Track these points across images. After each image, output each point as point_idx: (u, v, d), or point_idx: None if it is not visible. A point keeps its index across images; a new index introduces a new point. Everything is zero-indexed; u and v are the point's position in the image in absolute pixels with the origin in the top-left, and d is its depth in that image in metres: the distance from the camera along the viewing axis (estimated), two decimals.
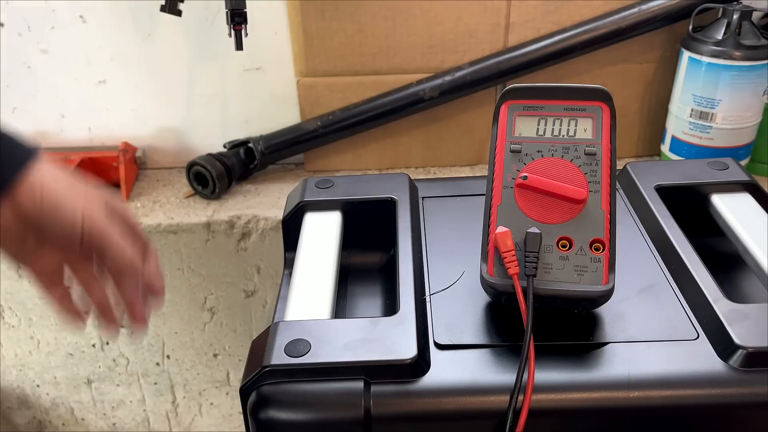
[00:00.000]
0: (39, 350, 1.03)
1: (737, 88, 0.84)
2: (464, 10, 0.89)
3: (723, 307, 0.46)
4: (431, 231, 0.58)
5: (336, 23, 0.89)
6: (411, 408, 0.42)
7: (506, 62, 0.90)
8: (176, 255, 0.94)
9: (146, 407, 1.11)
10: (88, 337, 1.02)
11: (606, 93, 0.48)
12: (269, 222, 0.91)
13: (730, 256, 0.56)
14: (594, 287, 0.45)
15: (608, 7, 0.89)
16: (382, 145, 0.99)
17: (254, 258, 0.94)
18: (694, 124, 0.88)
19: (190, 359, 1.05)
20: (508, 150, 0.48)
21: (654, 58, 0.93)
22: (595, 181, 0.46)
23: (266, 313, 0.99)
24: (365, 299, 0.56)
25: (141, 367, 1.06)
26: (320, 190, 0.61)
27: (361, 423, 0.41)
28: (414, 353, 0.43)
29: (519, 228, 0.46)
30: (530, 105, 0.49)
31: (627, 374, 0.43)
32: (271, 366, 0.42)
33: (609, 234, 0.46)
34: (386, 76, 0.93)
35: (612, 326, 0.46)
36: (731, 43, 0.82)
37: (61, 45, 0.93)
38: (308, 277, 0.52)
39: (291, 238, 0.59)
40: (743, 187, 0.60)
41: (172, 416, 1.12)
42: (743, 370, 0.42)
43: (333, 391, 0.42)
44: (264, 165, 0.98)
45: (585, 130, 0.48)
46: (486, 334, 0.47)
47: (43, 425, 1.13)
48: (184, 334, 1.02)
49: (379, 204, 0.60)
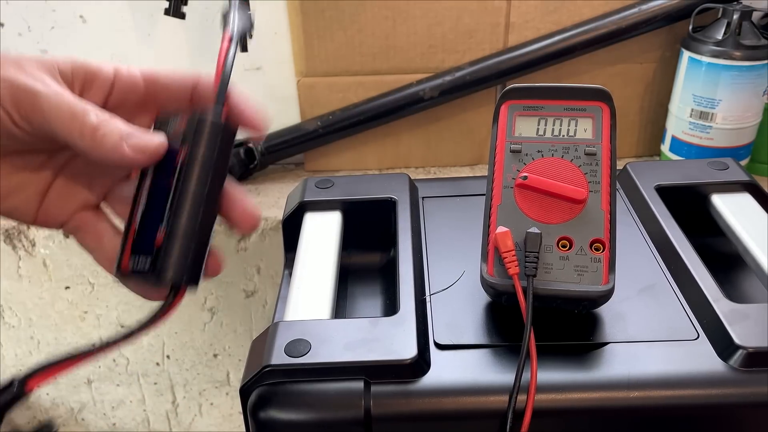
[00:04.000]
0: (39, 350, 1.03)
1: (737, 88, 0.84)
2: (464, 10, 0.89)
3: (723, 307, 0.46)
4: (431, 231, 0.58)
5: (336, 23, 0.89)
6: (411, 408, 0.42)
7: (506, 62, 0.90)
8: None
9: (146, 407, 1.11)
10: (88, 337, 1.02)
11: (606, 93, 0.48)
12: (269, 222, 0.91)
13: (730, 256, 0.56)
14: (594, 287, 0.45)
15: (608, 7, 0.89)
16: (382, 145, 0.99)
17: (254, 258, 0.94)
18: (694, 124, 0.88)
19: (190, 359, 1.05)
20: (508, 150, 0.48)
21: (654, 58, 0.93)
22: (595, 181, 0.46)
23: (266, 313, 0.99)
24: (365, 299, 0.56)
25: (141, 367, 1.06)
26: (320, 190, 0.61)
27: (361, 423, 0.41)
28: (414, 353, 0.43)
29: (519, 228, 0.46)
30: (530, 105, 0.49)
31: (627, 374, 0.43)
32: (271, 366, 0.42)
33: (609, 234, 0.46)
34: (386, 76, 0.93)
35: (612, 326, 0.46)
36: (731, 43, 0.82)
37: (61, 45, 0.93)
38: (308, 277, 0.52)
39: (291, 238, 0.59)
40: (743, 187, 0.60)
41: (172, 416, 1.12)
42: (743, 370, 0.42)
43: (333, 391, 0.42)
44: (264, 165, 0.98)
45: (585, 130, 0.48)
46: (486, 334, 0.47)
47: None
48: (184, 334, 1.02)
49: (379, 204, 0.60)
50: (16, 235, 0.92)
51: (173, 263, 0.35)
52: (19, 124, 0.34)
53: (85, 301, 0.98)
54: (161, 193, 0.36)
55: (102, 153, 0.35)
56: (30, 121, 0.34)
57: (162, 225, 0.36)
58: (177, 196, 0.36)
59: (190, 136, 0.36)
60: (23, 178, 0.38)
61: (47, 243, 0.92)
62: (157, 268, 0.35)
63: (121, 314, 1.00)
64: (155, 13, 0.87)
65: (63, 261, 0.94)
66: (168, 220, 0.36)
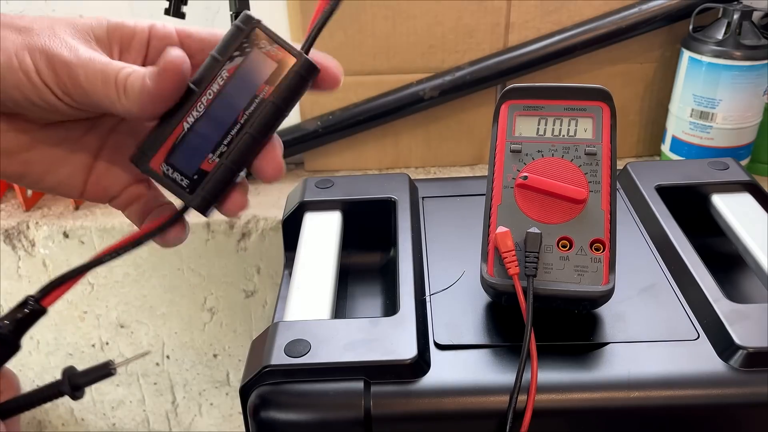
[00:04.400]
0: (39, 350, 1.03)
1: (737, 88, 0.84)
2: (464, 10, 0.89)
3: (723, 307, 0.46)
4: (431, 231, 0.58)
5: (336, 23, 0.89)
6: (411, 408, 0.42)
7: (506, 62, 0.90)
8: (176, 255, 0.94)
9: (146, 407, 1.11)
10: (88, 337, 1.02)
11: (606, 93, 0.48)
12: (269, 222, 0.91)
13: (731, 256, 0.56)
14: (594, 287, 0.45)
15: (608, 7, 0.89)
16: (382, 145, 0.99)
17: (254, 258, 0.94)
18: (695, 124, 0.88)
19: (189, 359, 1.05)
20: (508, 150, 0.48)
21: (654, 58, 0.93)
22: (596, 181, 0.46)
23: (266, 313, 0.99)
24: (365, 299, 0.56)
25: (141, 367, 1.06)
26: (320, 190, 0.61)
27: (361, 423, 0.41)
28: (414, 353, 0.43)
29: (519, 228, 0.46)
30: (530, 105, 0.49)
31: (627, 374, 0.42)
32: (271, 366, 0.42)
33: (609, 234, 0.46)
34: (386, 76, 0.93)
35: (612, 326, 0.46)
36: (731, 43, 0.82)
37: None
38: (308, 277, 0.52)
39: (291, 238, 0.59)
40: (743, 187, 0.60)
41: (172, 416, 1.12)
42: (743, 370, 0.42)
43: (333, 392, 0.42)
44: None
45: (585, 130, 0.48)
46: (486, 334, 0.47)
47: (43, 425, 1.13)
48: (184, 334, 1.02)
49: (379, 204, 0.60)
50: (16, 235, 0.92)
51: (207, 194, 0.36)
52: (62, 98, 0.34)
53: (85, 301, 0.98)
54: (222, 120, 0.36)
55: (132, 103, 0.34)
56: (71, 95, 0.34)
57: (213, 154, 0.36)
58: (242, 135, 0.35)
59: (276, 79, 0.36)
60: (66, 150, 0.37)
61: (47, 243, 0.92)
62: (193, 191, 0.36)
63: (120, 314, 1.00)
64: (155, 13, 0.87)
65: (63, 261, 0.94)
66: (223, 154, 0.35)
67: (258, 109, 0.36)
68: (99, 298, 0.98)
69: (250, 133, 0.35)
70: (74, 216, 0.92)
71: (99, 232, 0.91)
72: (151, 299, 0.98)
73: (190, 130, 0.36)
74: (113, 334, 1.02)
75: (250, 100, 0.36)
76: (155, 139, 0.36)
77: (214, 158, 0.36)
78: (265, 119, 0.36)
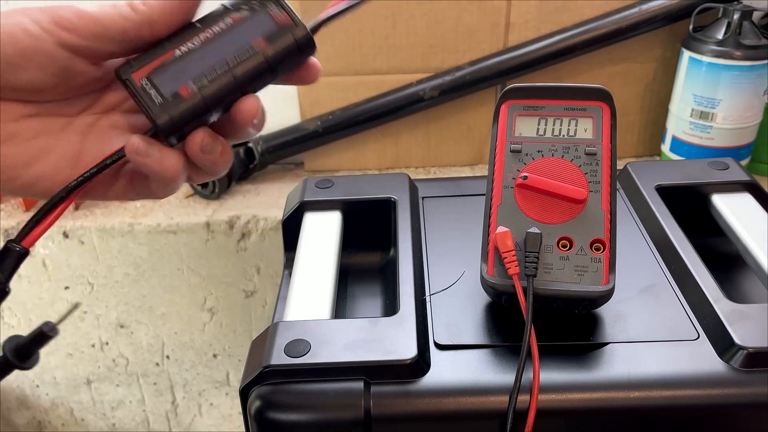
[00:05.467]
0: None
1: (738, 88, 0.84)
2: (464, 10, 0.89)
3: (723, 307, 0.46)
4: (431, 231, 0.58)
5: (336, 23, 0.89)
6: (411, 408, 0.42)
7: (506, 62, 0.90)
8: (176, 255, 0.94)
9: (146, 407, 1.11)
10: (88, 337, 1.02)
11: (606, 93, 0.48)
12: (269, 222, 0.91)
13: (731, 256, 0.56)
14: (594, 287, 0.45)
15: (608, 7, 0.89)
16: (382, 145, 0.99)
17: (254, 258, 0.94)
18: (695, 124, 0.88)
19: (189, 359, 1.05)
20: (508, 150, 0.48)
21: (654, 57, 0.93)
22: (596, 181, 0.46)
23: (266, 313, 0.99)
24: (365, 299, 0.56)
25: (140, 367, 1.06)
26: (320, 190, 0.61)
27: (361, 423, 0.41)
28: (414, 353, 0.43)
29: (519, 228, 0.46)
30: (530, 105, 0.49)
31: (627, 374, 0.42)
32: (270, 366, 0.42)
33: (609, 234, 0.46)
34: (386, 76, 0.93)
35: (612, 326, 0.46)
36: (732, 43, 0.82)
37: None
38: (308, 277, 0.52)
39: (291, 238, 0.59)
40: (744, 187, 0.60)
41: (172, 416, 1.12)
42: (744, 370, 0.42)
43: (333, 392, 0.42)
44: (264, 165, 0.98)
45: (585, 130, 0.48)
46: (486, 334, 0.47)
47: (43, 425, 1.13)
48: (184, 335, 1.02)
49: (379, 204, 0.60)
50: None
51: (175, 116, 0.36)
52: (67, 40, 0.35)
53: (85, 301, 0.98)
54: (213, 57, 0.37)
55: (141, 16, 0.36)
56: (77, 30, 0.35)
57: (193, 83, 0.37)
58: (225, 74, 0.37)
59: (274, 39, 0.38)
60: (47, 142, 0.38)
61: (47, 243, 0.92)
62: (163, 109, 0.36)
63: (120, 314, 1.00)
64: None
65: (62, 261, 0.94)
66: (202, 87, 0.37)
67: (249, 58, 0.37)
68: (99, 298, 0.98)
69: (233, 75, 0.37)
70: (74, 216, 0.92)
71: (99, 232, 0.91)
72: (151, 299, 0.98)
73: (179, 58, 0.37)
74: (113, 334, 1.02)
75: (245, 48, 0.37)
76: (144, 57, 0.37)
77: (193, 87, 0.37)
78: (251, 69, 0.37)
